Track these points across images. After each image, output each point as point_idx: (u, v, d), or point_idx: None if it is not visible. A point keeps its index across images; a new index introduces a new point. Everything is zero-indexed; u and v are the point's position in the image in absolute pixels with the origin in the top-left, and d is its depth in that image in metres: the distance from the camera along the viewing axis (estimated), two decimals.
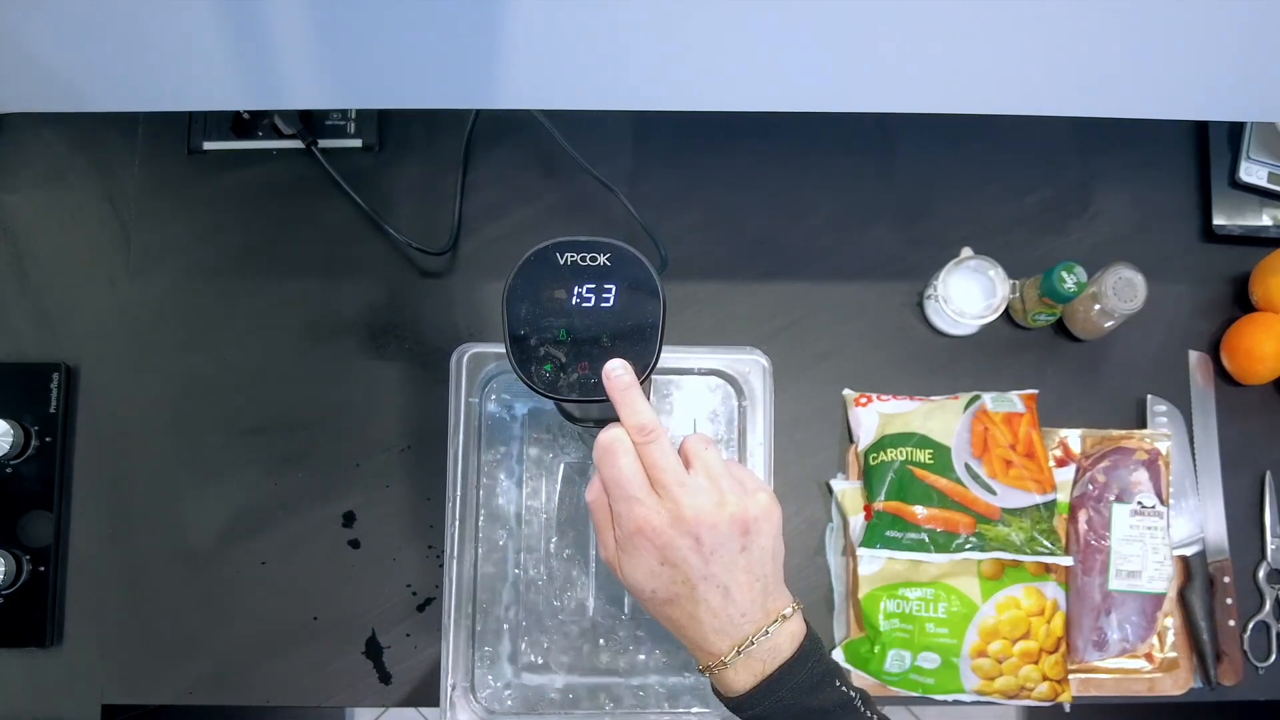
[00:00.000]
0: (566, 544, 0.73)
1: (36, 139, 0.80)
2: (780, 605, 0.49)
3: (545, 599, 0.72)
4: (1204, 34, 0.47)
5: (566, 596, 0.72)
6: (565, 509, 0.73)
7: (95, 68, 0.47)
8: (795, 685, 0.48)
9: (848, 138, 0.82)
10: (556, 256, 0.45)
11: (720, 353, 0.73)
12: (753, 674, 0.48)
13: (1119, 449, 0.74)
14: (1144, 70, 0.51)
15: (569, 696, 0.71)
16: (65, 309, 0.77)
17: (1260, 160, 0.79)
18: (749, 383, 0.73)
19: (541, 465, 0.73)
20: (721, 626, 0.47)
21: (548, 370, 0.45)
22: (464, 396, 0.70)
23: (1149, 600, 0.71)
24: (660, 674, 0.72)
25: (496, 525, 0.72)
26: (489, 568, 0.72)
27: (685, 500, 0.46)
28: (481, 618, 0.71)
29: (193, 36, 0.44)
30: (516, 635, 0.72)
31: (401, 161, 0.80)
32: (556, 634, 0.72)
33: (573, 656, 0.72)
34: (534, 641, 0.72)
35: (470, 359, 0.71)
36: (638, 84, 0.51)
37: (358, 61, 0.48)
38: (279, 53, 0.46)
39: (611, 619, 0.72)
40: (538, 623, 0.72)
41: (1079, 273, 0.70)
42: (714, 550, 0.47)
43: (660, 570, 0.47)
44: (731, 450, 0.74)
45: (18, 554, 0.72)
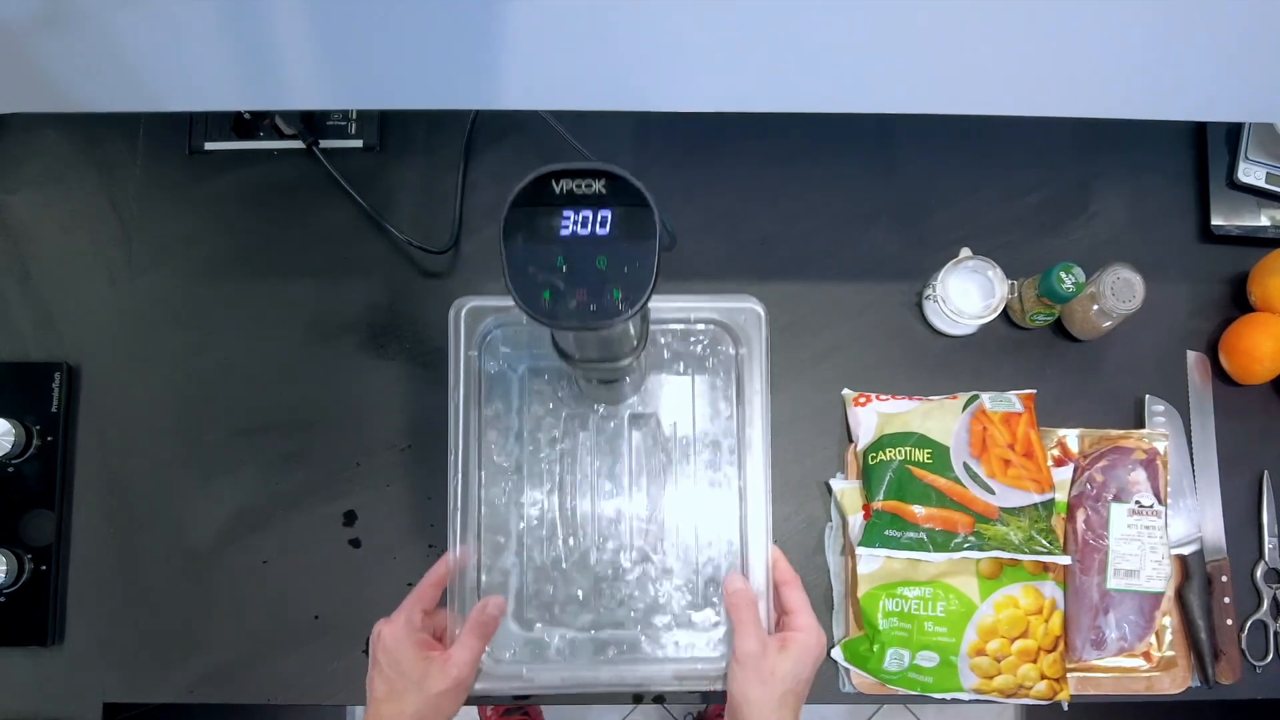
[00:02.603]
0: (568, 496, 0.73)
1: (37, 139, 0.80)
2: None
3: (548, 551, 0.72)
4: (1203, 34, 0.47)
5: (570, 548, 0.72)
6: (567, 462, 0.73)
7: (96, 68, 0.47)
8: None
9: (848, 138, 0.82)
10: (552, 184, 0.45)
11: (717, 300, 0.73)
12: None
13: (1117, 448, 0.74)
14: (1143, 70, 0.51)
15: (573, 646, 0.71)
16: (66, 309, 0.78)
17: (1258, 161, 0.79)
18: (746, 331, 0.72)
19: (542, 418, 0.73)
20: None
21: (546, 298, 0.45)
22: (463, 350, 0.70)
23: (1147, 599, 0.71)
24: (664, 624, 0.72)
25: (499, 479, 0.72)
26: (492, 521, 0.71)
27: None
28: (485, 571, 0.70)
29: (194, 36, 0.44)
30: (521, 587, 0.72)
31: (402, 162, 0.80)
32: (560, 585, 0.72)
33: (577, 607, 0.72)
34: (539, 592, 0.72)
35: (469, 312, 0.71)
36: (638, 85, 0.51)
37: (359, 62, 0.48)
38: (280, 53, 0.46)
39: (615, 569, 0.72)
40: (542, 574, 0.72)
41: (1077, 273, 0.70)
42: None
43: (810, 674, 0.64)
44: (730, 401, 0.73)
45: (19, 553, 0.72)
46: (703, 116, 0.74)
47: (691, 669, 0.69)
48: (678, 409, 0.74)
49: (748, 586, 0.67)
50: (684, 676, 0.69)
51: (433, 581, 0.66)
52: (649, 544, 0.72)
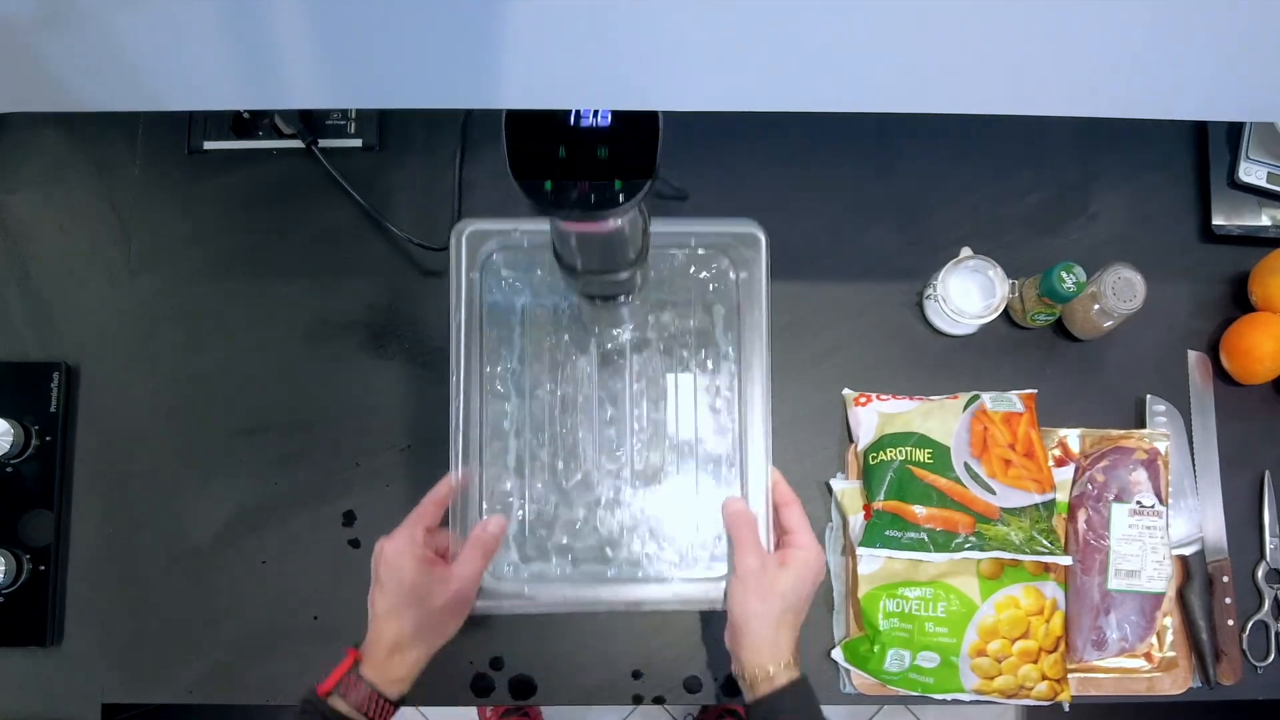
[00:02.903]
0: (570, 420, 0.72)
1: (36, 139, 0.80)
2: None
3: (549, 474, 0.72)
4: (1203, 34, 0.47)
5: (570, 471, 0.72)
6: (567, 387, 0.73)
7: (95, 67, 0.47)
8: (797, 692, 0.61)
9: (848, 138, 0.82)
10: None
11: (715, 224, 0.72)
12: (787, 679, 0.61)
13: (1118, 449, 0.74)
14: (1144, 70, 0.51)
15: (574, 566, 0.71)
16: (65, 309, 0.78)
17: (1259, 160, 0.79)
18: (745, 255, 0.72)
19: (542, 344, 0.73)
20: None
21: (548, 188, 0.45)
22: (464, 272, 0.70)
23: (1148, 600, 0.71)
24: (664, 545, 0.72)
25: (499, 403, 0.72)
26: (493, 444, 0.71)
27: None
28: (486, 494, 0.70)
29: (193, 36, 0.44)
30: (522, 509, 0.71)
31: (401, 161, 0.80)
32: (562, 507, 0.72)
33: (578, 529, 0.72)
34: (540, 514, 0.72)
35: (471, 235, 0.70)
36: (637, 84, 0.51)
37: (358, 61, 0.48)
38: (279, 52, 0.46)
39: (615, 493, 0.72)
40: (543, 497, 0.72)
41: (1078, 273, 0.70)
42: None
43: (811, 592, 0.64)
44: (730, 326, 0.73)
45: (18, 553, 0.72)
46: (702, 115, 0.74)
47: (691, 589, 0.69)
48: (677, 335, 0.74)
49: (747, 507, 0.67)
50: (684, 597, 0.69)
51: (435, 500, 0.66)
52: (649, 467, 0.72)
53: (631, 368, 0.73)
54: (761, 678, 0.61)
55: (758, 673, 0.61)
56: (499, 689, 0.73)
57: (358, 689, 0.59)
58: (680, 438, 0.72)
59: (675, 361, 0.73)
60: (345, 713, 0.59)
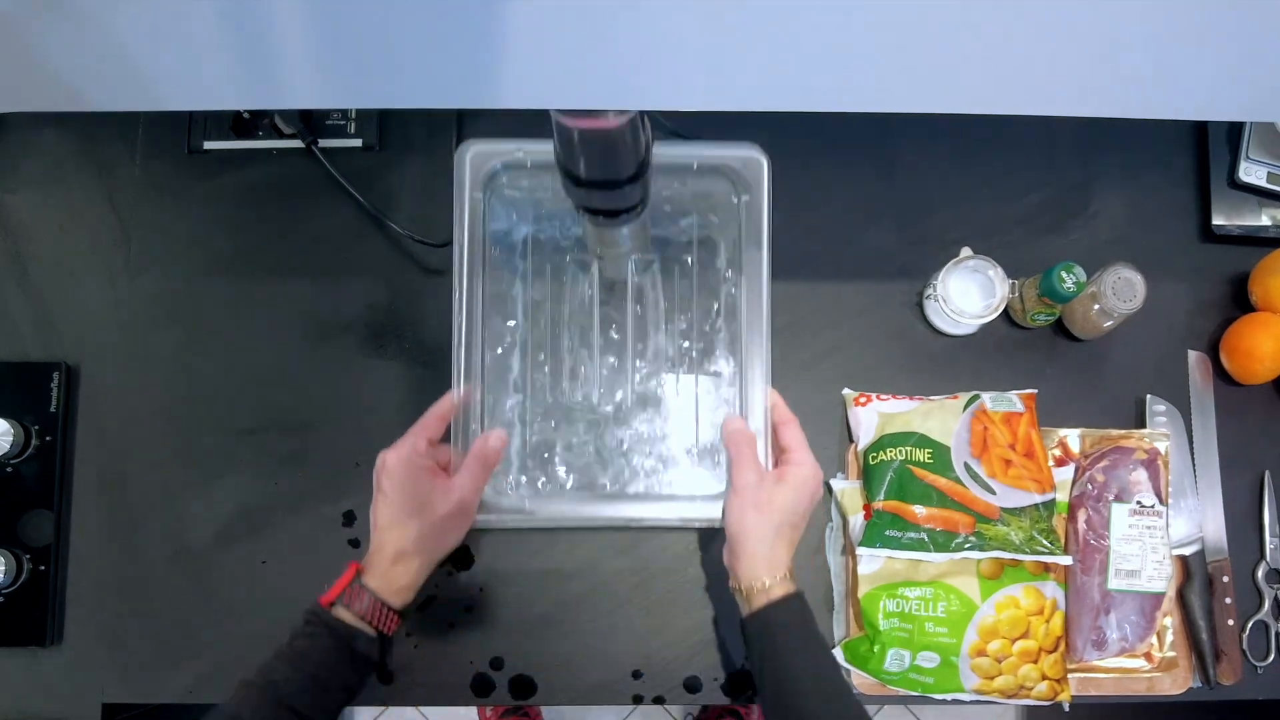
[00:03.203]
0: (571, 340, 0.73)
1: (36, 139, 0.80)
2: None
3: (551, 394, 0.72)
4: (1204, 34, 0.47)
5: (572, 392, 0.72)
6: (570, 309, 0.73)
7: (95, 67, 0.47)
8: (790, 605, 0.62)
9: (848, 138, 0.82)
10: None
11: (717, 148, 0.72)
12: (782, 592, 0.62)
13: (1118, 448, 0.74)
14: (1144, 70, 0.51)
15: (575, 484, 0.71)
16: (65, 308, 0.78)
17: (1259, 160, 0.79)
18: (747, 179, 0.71)
19: (545, 267, 0.73)
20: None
21: None
22: (468, 191, 0.70)
23: (1148, 600, 0.71)
24: (665, 465, 0.72)
25: (502, 323, 0.72)
26: (494, 362, 0.72)
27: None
28: (487, 412, 0.70)
29: (193, 35, 0.44)
30: (524, 427, 0.72)
31: (402, 161, 0.80)
32: (563, 427, 0.72)
33: (578, 448, 0.72)
34: (541, 431, 0.72)
35: (475, 155, 0.70)
36: (637, 83, 0.51)
37: (358, 61, 0.48)
38: (279, 52, 0.46)
39: (617, 413, 0.72)
40: (544, 416, 0.72)
41: (1078, 272, 0.70)
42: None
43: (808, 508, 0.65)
44: (732, 249, 0.73)
45: (18, 553, 0.72)
46: (701, 116, 0.74)
47: (690, 507, 0.69)
48: (678, 259, 0.74)
49: (746, 426, 0.67)
50: (683, 515, 0.69)
51: (437, 414, 0.66)
52: (649, 388, 0.72)
53: (632, 290, 0.73)
54: (758, 589, 0.61)
55: (754, 584, 0.61)
56: (499, 689, 0.73)
57: (361, 598, 0.60)
58: (680, 359, 0.73)
59: (676, 284, 0.73)
60: (350, 622, 0.59)
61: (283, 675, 0.57)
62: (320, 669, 0.58)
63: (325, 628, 0.59)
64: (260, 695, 0.57)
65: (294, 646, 0.59)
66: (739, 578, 0.63)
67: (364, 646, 0.59)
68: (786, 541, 0.63)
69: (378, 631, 0.61)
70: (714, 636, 0.75)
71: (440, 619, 0.74)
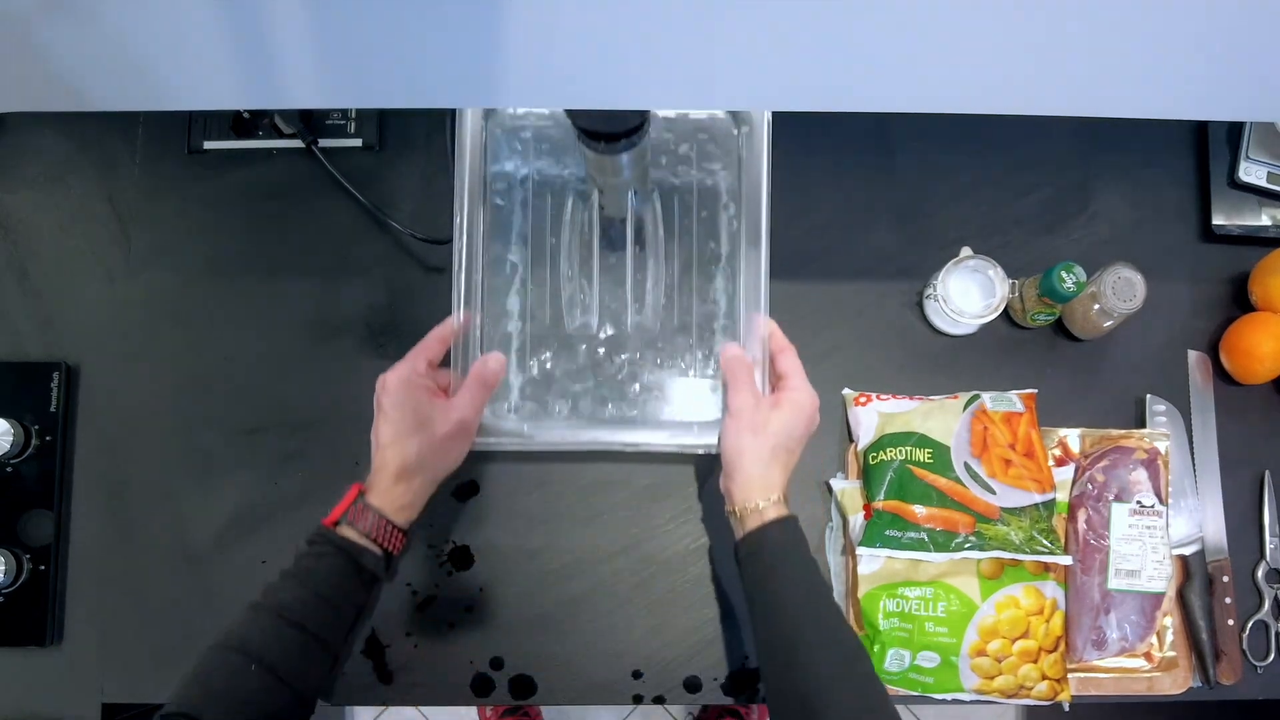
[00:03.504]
0: (570, 268, 0.73)
1: (36, 139, 0.80)
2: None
3: (550, 320, 0.72)
4: (1204, 34, 0.47)
5: (571, 318, 0.72)
6: (570, 237, 0.73)
7: (95, 67, 0.47)
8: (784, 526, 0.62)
9: (848, 138, 0.82)
10: None
11: None
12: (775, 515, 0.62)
13: (1118, 448, 0.74)
14: (1143, 70, 0.51)
15: (573, 409, 0.72)
16: (65, 308, 0.78)
17: (1259, 160, 0.79)
18: (746, 112, 0.71)
19: (546, 194, 0.73)
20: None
21: None
22: (469, 117, 0.70)
23: (1148, 599, 0.71)
24: (663, 391, 0.73)
25: (503, 250, 0.72)
26: (494, 287, 0.72)
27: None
28: (487, 343, 0.71)
29: (193, 35, 0.44)
30: (523, 351, 0.72)
31: (402, 161, 0.80)
32: (562, 352, 0.72)
33: (577, 373, 0.72)
34: (539, 357, 0.72)
35: None
36: (637, 83, 0.51)
37: (358, 61, 0.48)
38: (279, 52, 0.46)
39: (616, 340, 0.73)
40: (543, 342, 0.72)
41: (1078, 272, 0.70)
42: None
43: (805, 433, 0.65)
44: (732, 177, 0.73)
45: (18, 553, 0.72)
46: None
47: (687, 432, 0.70)
48: (678, 190, 0.74)
49: (743, 353, 0.67)
50: (680, 440, 0.69)
51: (437, 337, 0.66)
52: (648, 316, 0.73)
53: (632, 222, 0.73)
54: (751, 510, 0.61)
55: (748, 506, 0.62)
56: (499, 688, 0.73)
57: (366, 516, 0.60)
58: (679, 289, 0.73)
59: (676, 218, 0.74)
60: (355, 540, 0.59)
61: (291, 595, 0.57)
62: (328, 587, 0.58)
63: (332, 546, 0.59)
64: (269, 616, 0.56)
65: (300, 566, 0.59)
66: (734, 500, 0.63)
67: (371, 564, 0.59)
68: (781, 465, 0.63)
69: (383, 550, 0.61)
70: (714, 636, 0.75)
71: (440, 619, 0.74)
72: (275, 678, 0.55)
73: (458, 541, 0.75)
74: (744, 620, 0.75)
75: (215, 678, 0.54)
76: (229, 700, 0.53)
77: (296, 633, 0.56)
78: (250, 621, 0.57)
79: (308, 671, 0.57)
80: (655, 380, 0.72)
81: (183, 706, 0.53)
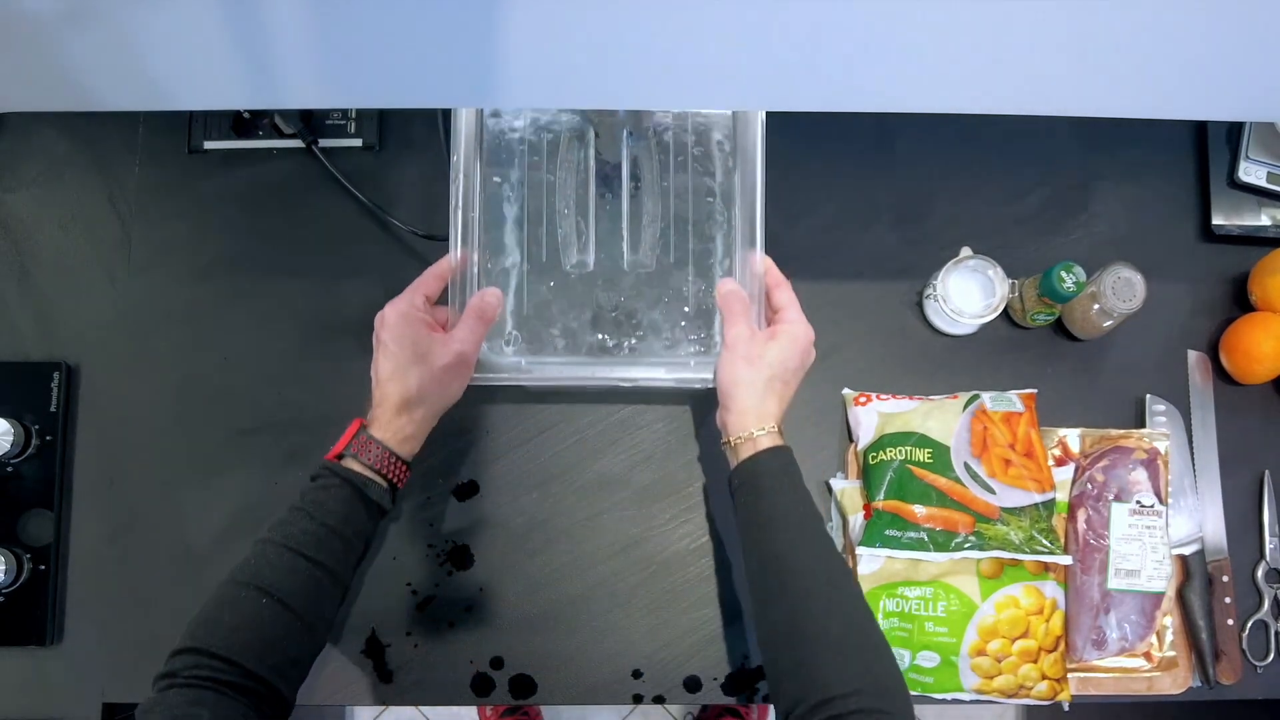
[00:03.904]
0: (566, 205, 0.73)
1: (37, 138, 0.80)
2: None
3: (547, 256, 0.72)
4: (1203, 34, 0.47)
5: (568, 255, 0.73)
6: (567, 172, 0.73)
7: (95, 67, 0.47)
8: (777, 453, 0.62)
9: (848, 138, 0.82)
10: None
11: None
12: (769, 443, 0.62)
13: (1118, 448, 0.74)
14: (1143, 70, 0.51)
15: (571, 345, 0.72)
16: (66, 308, 0.78)
17: (1259, 160, 0.79)
18: None
19: (543, 134, 0.73)
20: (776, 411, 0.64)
21: None
22: None
23: (1148, 599, 0.71)
24: (660, 328, 0.73)
25: (500, 188, 0.72)
26: (491, 223, 0.72)
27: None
28: (484, 277, 0.71)
29: (193, 35, 0.44)
30: (520, 288, 0.72)
31: (402, 161, 0.80)
32: (560, 289, 0.72)
33: (574, 309, 0.73)
34: (536, 293, 0.72)
35: None
36: (636, 83, 0.51)
37: (358, 61, 0.48)
38: (279, 52, 0.46)
39: (613, 276, 0.73)
40: (541, 279, 0.72)
41: (1078, 272, 0.70)
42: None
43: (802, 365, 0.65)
44: (726, 119, 0.73)
45: (18, 553, 0.72)
46: None
47: (684, 368, 0.70)
48: (676, 128, 0.74)
49: (739, 288, 0.67)
50: (677, 374, 0.69)
51: (435, 273, 0.66)
52: (645, 253, 0.73)
53: (628, 162, 0.73)
54: (745, 439, 0.62)
55: (742, 435, 0.62)
56: (499, 688, 0.73)
57: (370, 448, 0.60)
58: (675, 227, 0.73)
59: (671, 157, 0.74)
60: (361, 472, 0.60)
61: (299, 528, 0.58)
62: (336, 519, 0.58)
63: (338, 479, 0.59)
64: (278, 550, 0.57)
65: (307, 499, 0.59)
66: (729, 432, 0.63)
67: (377, 495, 0.60)
68: (777, 396, 0.63)
69: (388, 482, 0.61)
70: (714, 636, 0.75)
71: (440, 618, 0.74)
72: (287, 609, 0.55)
73: (458, 541, 0.75)
74: (744, 620, 0.75)
75: (227, 612, 0.55)
76: (242, 634, 0.54)
77: (307, 564, 0.56)
78: (259, 556, 0.57)
79: (319, 603, 0.57)
80: (652, 317, 0.73)
81: (196, 642, 0.53)
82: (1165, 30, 0.46)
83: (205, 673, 0.52)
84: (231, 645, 0.53)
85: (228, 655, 0.52)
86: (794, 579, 0.57)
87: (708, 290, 0.73)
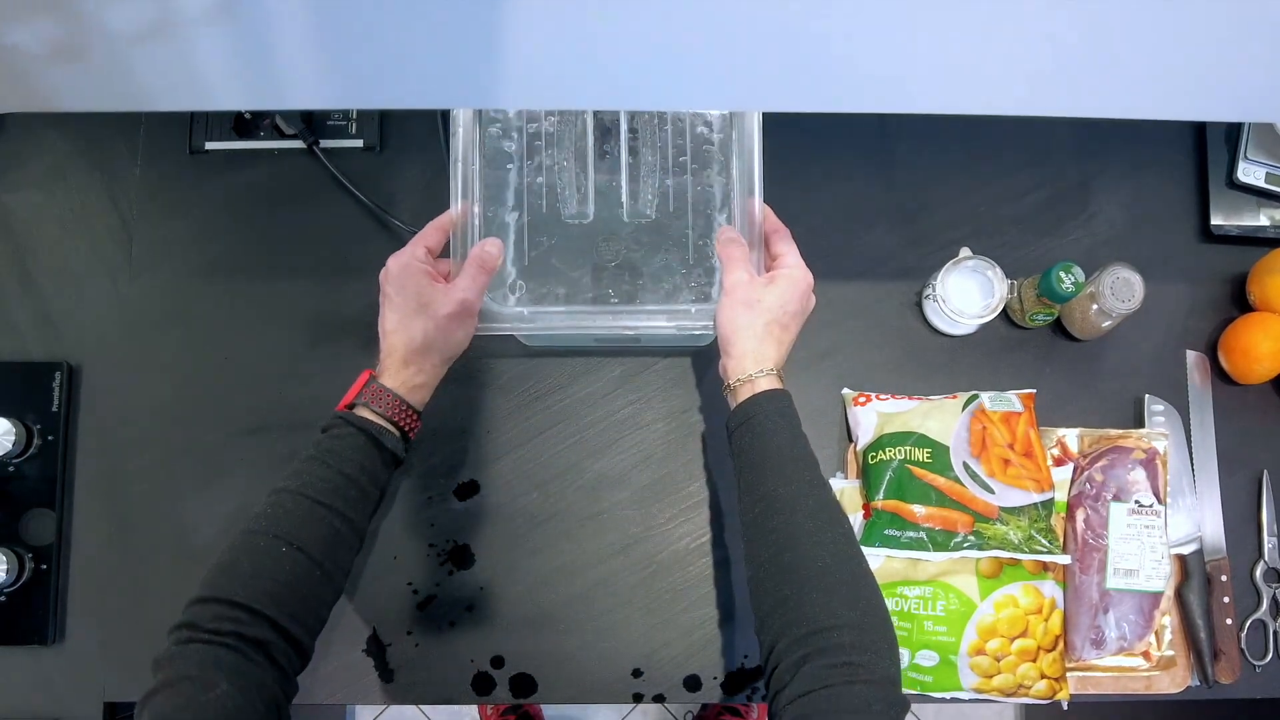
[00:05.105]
0: (566, 157, 0.73)
1: (38, 139, 0.80)
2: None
3: (548, 208, 0.73)
4: (1203, 34, 0.47)
5: (567, 207, 0.73)
6: (565, 124, 0.73)
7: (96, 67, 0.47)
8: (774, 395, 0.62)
9: (848, 138, 0.82)
10: None
11: None
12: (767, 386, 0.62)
13: (1116, 448, 0.74)
14: (1143, 70, 0.51)
15: (572, 296, 0.72)
16: (67, 308, 0.78)
17: (1258, 160, 0.79)
18: None
19: None
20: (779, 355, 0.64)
21: None
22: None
23: (1146, 599, 0.71)
24: (660, 278, 0.73)
25: (499, 141, 0.72)
26: (492, 178, 0.72)
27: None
28: (485, 228, 0.71)
29: (193, 35, 0.44)
30: (521, 240, 0.72)
31: (402, 161, 0.80)
32: (560, 240, 0.72)
33: (576, 261, 0.73)
34: (537, 244, 0.72)
35: None
36: (636, 84, 0.51)
37: (358, 61, 0.48)
38: (280, 52, 0.46)
39: (613, 228, 0.73)
40: (541, 231, 0.72)
41: (1077, 273, 0.70)
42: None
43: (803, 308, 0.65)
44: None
45: (20, 552, 0.72)
46: None
47: (685, 318, 0.70)
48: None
49: (739, 235, 0.67)
50: (679, 323, 0.69)
51: (436, 226, 0.67)
52: (645, 204, 0.73)
53: (627, 113, 0.73)
54: (744, 381, 0.62)
55: (741, 377, 0.62)
56: (500, 687, 0.74)
57: (382, 397, 0.61)
58: (675, 176, 0.73)
59: (670, 111, 0.74)
60: (374, 419, 0.60)
61: (315, 475, 0.57)
62: (353, 466, 0.58)
63: (352, 427, 0.59)
64: (294, 498, 0.56)
65: (321, 448, 0.59)
66: (728, 375, 0.64)
67: (391, 444, 0.60)
68: (775, 340, 0.63)
69: (400, 431, 0.61)
70: (714, 635, 0.75)
71: (441, 618, 0.74)
72: (307, 557, 0.55)
73: (458, 541, 0.75)
74: (744, 620, 0.75)
75: (246, 560, 0.54)
76: (262, 581, 0.53)
77: (325, 511, 0.56)
78: (276, 505, 0.57)
79: (338, 551, 0.57)
80: (652, 267, 0.73)
81: (217, 591, 0.53)
82: (1165, 30, 0.46)
83: (228, 625, 0.51)
84: (253, 593, 0.52)
85: (249, 604, 0.52)
86: (784, 517, 0.57)
87: (708, 239, 0.73)
